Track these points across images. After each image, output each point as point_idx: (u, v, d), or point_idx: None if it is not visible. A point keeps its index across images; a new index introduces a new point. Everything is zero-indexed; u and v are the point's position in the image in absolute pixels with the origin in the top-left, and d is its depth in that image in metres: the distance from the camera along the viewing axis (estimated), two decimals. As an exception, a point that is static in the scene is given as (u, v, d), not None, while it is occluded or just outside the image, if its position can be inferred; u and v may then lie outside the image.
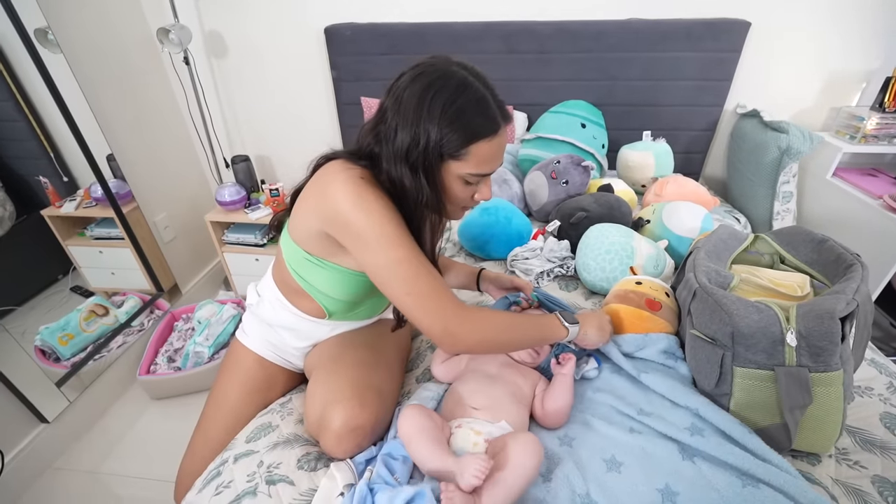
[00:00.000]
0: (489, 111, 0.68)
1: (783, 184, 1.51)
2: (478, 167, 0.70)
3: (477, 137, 0.67)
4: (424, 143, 0.66)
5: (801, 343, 0.68)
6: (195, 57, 1.76)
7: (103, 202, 1.64)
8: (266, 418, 0.88)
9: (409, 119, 0.66)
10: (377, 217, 0.67)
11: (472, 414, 0.73)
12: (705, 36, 1.56)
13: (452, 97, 0.65)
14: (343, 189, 0.67)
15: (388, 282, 0.68)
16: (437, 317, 0.67)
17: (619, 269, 1.06)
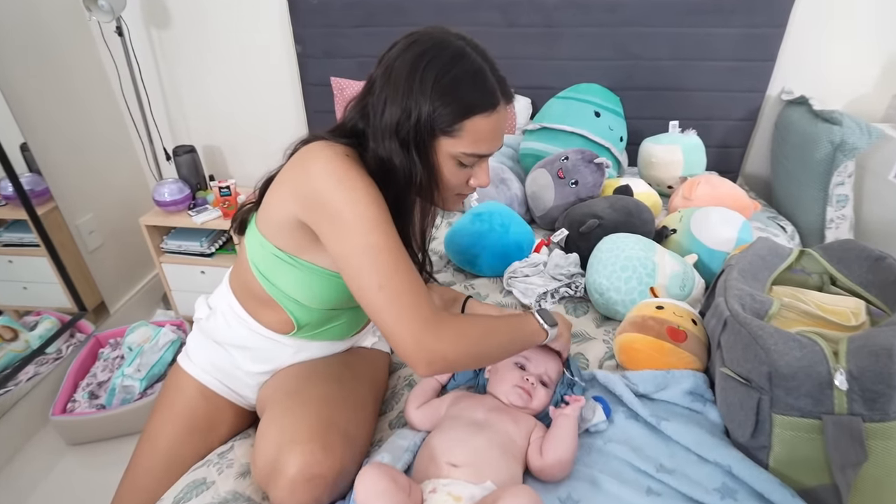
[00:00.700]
0: (487, 84, 0.71)
1: (837, 185, 1.51)
2: (473, 146, 0.74)
3: (472, 111, 0.71)
4: (416, 117, 0.70)
5: (853, 386, 0.66)
6: (130, 27, 1.75)
7: (14, 201, 1.62)
8: (200, 473, 0.86)
9: (400, 90, 0.70)
10: (361, 195, 0.69)
11: (449, 473, 0.71)
12: (742, 8, 1.57)
13: (447, 67, 0.69)
14: (325, 165, 0.70)
15: (360, 271, 0.69)
16: (412, 323, 0.68)
17: (637, 289, 1.05)
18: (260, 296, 0.86)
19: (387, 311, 0.68)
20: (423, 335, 0.68)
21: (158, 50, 1.91)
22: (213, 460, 0.89)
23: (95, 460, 1.54)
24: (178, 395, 0.94)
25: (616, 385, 0.88)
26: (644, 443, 0.80)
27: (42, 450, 1.57)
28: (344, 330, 0.94)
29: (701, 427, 0.81)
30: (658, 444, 0.80)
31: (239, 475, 0.85)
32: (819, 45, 1.64)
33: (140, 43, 1.85)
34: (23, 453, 1.55)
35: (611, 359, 1.01)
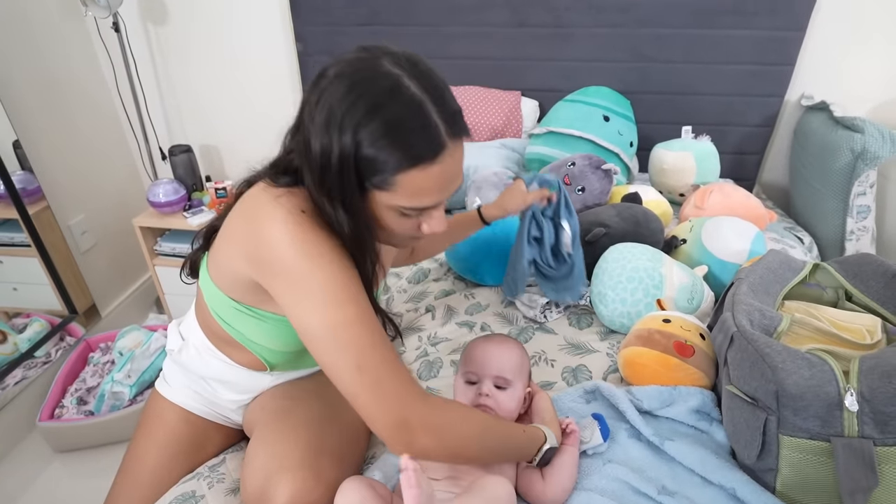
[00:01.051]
0: (427, 126, 0.61)
1: (858, 195, 1.51)
2: (413, 200, 0.65)
3: (408, 164, 0.61)
4: (336, 163, 0.61)
5: (864, 408, 0.67)
6: (127, 23, 1.78)
7: (5, 200, 1.65)
8: (189, 486, 0.87)
9: (322, 128, 0.61)
10: (325, 263, 0.64)
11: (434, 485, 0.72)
12: (761, 10, 1.58)
13: (375, 108, 0.59)
14: (282, 231, 0.63)
15: (331, 349, 0.64)
16: (394, 403, 0.63)
17: (643, 301, 1.05)
18: (226, 339, 0.83)
19: (365, 394, 0.63)
20: (409, 418, 0.63)
21: (155, 46, 1.94)
22: (204, 473, 0.89)
23: (83, 468, 1.56)
24: (159, 422, 0.93)
25: (620, 400, 0.88)
26: (646, 463, 0.80)
27: (28, 457, 1.58)
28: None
29: (706, 447, 0.81)
30: (660, 465, 0.80)
31: (230, 491, 0.85)
32: (841, 49, 1.64)
33: (137, 39, 1.88)
34: (8, 460, 1.57)
35: (615, 372, 1.01)
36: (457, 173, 0.67)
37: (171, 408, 0.93)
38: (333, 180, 0.63)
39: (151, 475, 0.88)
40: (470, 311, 1.20)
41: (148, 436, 0.92)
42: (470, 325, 1.16)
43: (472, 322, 1.17)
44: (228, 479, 0.88)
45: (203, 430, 0.94)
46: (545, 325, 1.14)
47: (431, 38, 1.75)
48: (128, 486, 0.89)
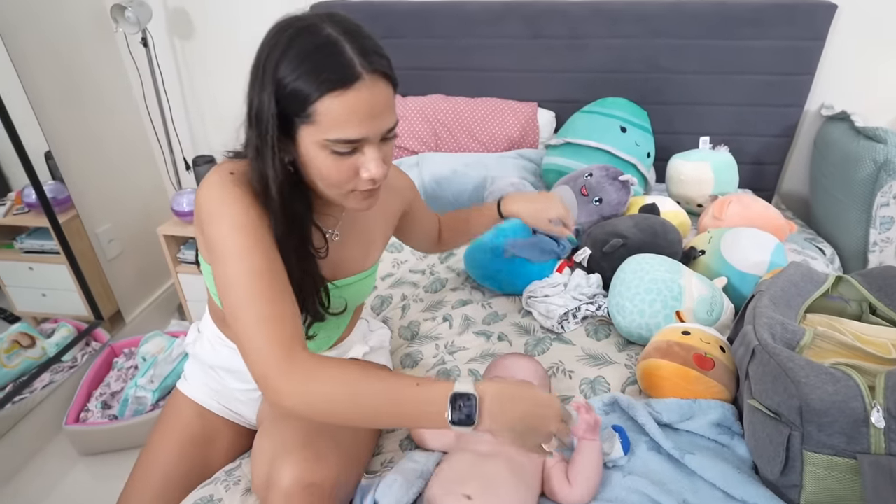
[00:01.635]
0: (340, 57, 0.63)
1: (881, 206, 1.48)
2: (336, 131, 0.65)
3: (322, 90, 0.63)
4: (259, 102, 0.65)
5: (892, 425, 0.65)
6: (155, 38, 1.83)
7: (37, 208, 1.70)
8: (207, 490, 0.88)
9: (252, 79, 0.67)
10: (227, 219, 0.67)
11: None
12: (779, 20, 1.56)
13: (290, 43, 0.64)
14: (203, 192, 0.70)
15: (224, 301, 0.69)
16: (259, 356, 0.65)
17: (661, 313, 1.04)
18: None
19: (240, 344, 0.67)
20: (269, 373, 0.64)
21: (181, 60, 1.98)
22: (221, 478, 0.90)
23: (106, 471, 1.58)
24: (175, 415, 0.96)
25: (639, 413, 0.87)
26: (667, 477, 0.79)
27: (54, 458, 1.61)
28: (322, 343, 0.95)
29: (727, 462, 0.80)
30: (681, 479, 0.79)
31: (245, 491, 0.87)
32: (861, 58, 1.62)
33: (164, 54, 1.93)
34: (35, 461, 1.60)
35: (633, 384, 1.00)
36: (379, 109, 0.67)
37: (187, 402, 0.97)
38: (258, 121, 0.66)
39: (163, 466, 0.91)
40: (487, 321, 1.20)
41: (163, 429, 0.95)
42: (487, 335, 1.15)
43: (489, 332, 1.16)
44: (244, 482, 0.89)
45: (214, 425, 0.96)
46: (562, 336, 1.13)
47: (448, 51, 1.76)
48: (140, 477, 0.92)
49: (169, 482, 0.89)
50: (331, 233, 0.85)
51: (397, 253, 1.50)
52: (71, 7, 1.74)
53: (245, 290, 0.67)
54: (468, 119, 1.73)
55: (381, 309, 1.29)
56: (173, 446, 0.92)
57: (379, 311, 1.29)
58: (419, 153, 1.73)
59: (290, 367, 0.64)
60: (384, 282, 1.39)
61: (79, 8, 1.77)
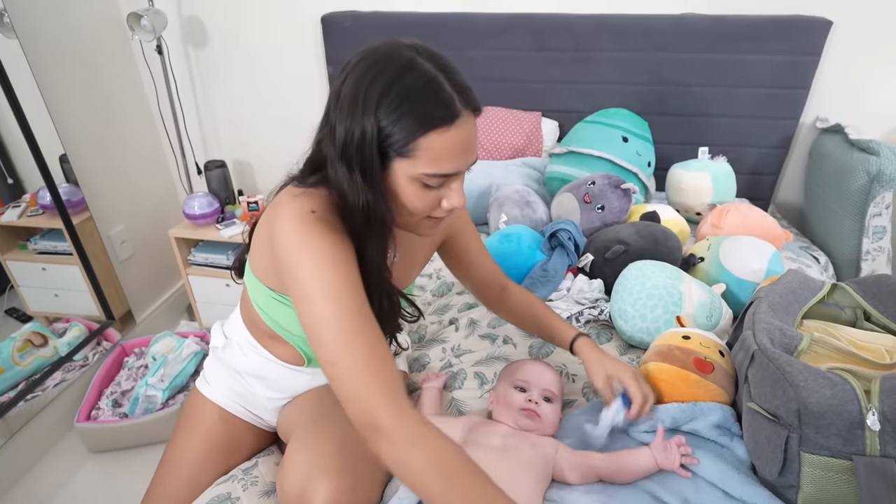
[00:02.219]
0: (441, 95, 0.65)
1: (874, 216, 1.50)
2: (434, 166, 0.67)
3: (426, 127, 0.64)
4: (359, 136, 0.65)
5: (886, 427, 0.66)
6: (169, 45, 1.85)
7: (51, 210, 1.71)
8: (224, 488, 0.88)
9: (346, 110, 0.66)
10: (320, 262, 0.66)
11: None
12: (776, 35, 1.59)
13: (393, 81, 0.64)
14: (286, 229, 0.68)
15: (316, 343, 0.66)
16: (364, 402, 0.63)
17: (662, 318, 1.06)
18: (266, 331, 0.87)
19: (340, 388, 0.65)
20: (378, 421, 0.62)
21: (195, 68, 2.00)
22: (238, 476, 0.91)
23: (116, 469, 1.59)
24: (198, 420, 0.96)
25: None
26: (669, 476, 0.80)
27: (65, 455, 1.62)
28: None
29: (727, 462, 0.81)
30: (682, 478, 0.80)
31: (263, 493, 0.87)
32: (855, 73, 1.64)
33: (178, 61, 1.95)
34: (47, 458, 1.61)
35: (635, 388, 1.01)
36: (472, 144, 0.70)
37: (210, 407, 0.96)
38: (355, 152, 0.66)
39: (189, 471, 0.91)
40: (492, 325, 1.22)
41: (187, 432, 0.95)
42: (492, 338, 1.17)
43: (494, 335, 1.18)
44: (262, 482, 0.90)
45: (238, 430, 0.96)
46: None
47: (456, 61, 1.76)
48: (167, 480, 0.92)
49: (195, 488, 0.90)
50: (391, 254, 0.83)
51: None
52: (88, 15, 1.76)
53: (341, 332, 0.65)
54: (474, 127, 1.75)
55: (389, 312, 1.31)
56: (199, 453, 0.92)
57: (387, 313, 1.30)
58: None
59: (403, 419, 0.62)
60: (392, 285, 1.41)
61: (95, 16, 1.79)
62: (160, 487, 0.92)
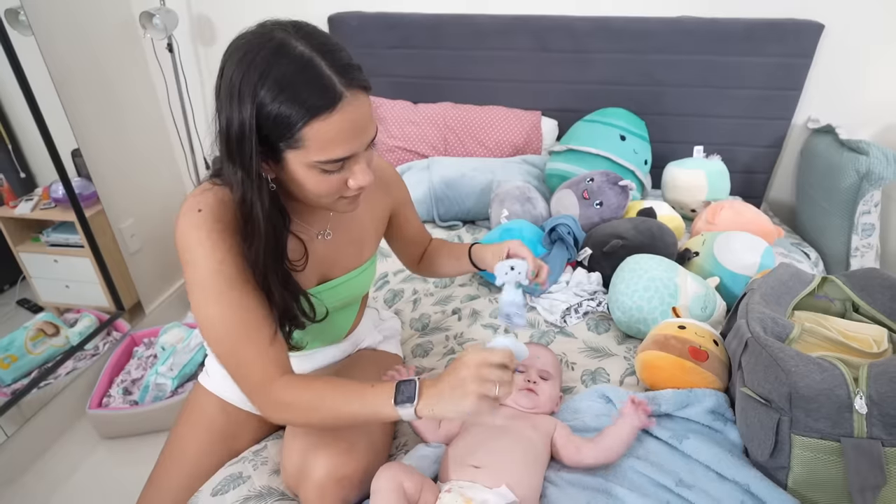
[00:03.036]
0: (319, 79, 0.61)
1: (863, 214, 1.52)
2: (324, 153, 0.64)
3: (306, 117, 0.61)
4: (238, 131, 0.61)
5: (873, 410, 0.68)
6: (179, 43, 1.85)
7: (64, 203, 1.72)
8: (236, 468, 0.90)
9: (224, 103, 0.63)
10: (200, 260, 0.68)
11: (471, 474, 0.74)
12: (769, 38, 1.60)
13: (265, 70, 0.60)
14: (176, 226, 0.70)
15: (203, 336, 0.73)
16: (245, 388, 0.73)
17: (658, 309, 1.07)
18: None
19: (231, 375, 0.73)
20: (255, 399, 0.73)
21: (204, 65, 2.01)
22: (248, 457, 0.92)
23: (126, 455, 1.60)
24: (199, 410, 0.97)
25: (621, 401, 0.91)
26: (664, 458, 0.82)
27: (77, 441, 1.63)
28: (335, 335, 0.97)
29: (720, 446, 0.83)
30: (677, 460, 0.82)
31: (273, 472, 0.89)
32: (846, 75, 1.66)
33: (187, 59, 1.96)
34: (59, 444, 1.62)
35: (631, 374, 1.03)
36: (363, 123, 0.66)
37: (209, 397, 0.97)
38: (235, 147, 0.63)
39: (191, 460, 0.91)
40: (494, 315, 1.23)
41: (188, 423, 0.96)
42: (494, 328, 1.19)
43: (496, 324, 1.19)
44: (271, 462, 0.91)
45: (237, 419, 0.96)
46: (565, 330, 1.17)
47: (458, 61, 1.79)
48: (169, 468, 0.92)
49: (196, 471, 0.91)
50: (322, 233, 0.85)
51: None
52: (101, 13, 1.76)
53: (223, 336, 0.70)
54: (476, 125, 1.76)
55: (394, 302, 1.32)
56: (200, 442, 0.93)
57: (391, 303, 1.32)
58: (429, 157, 1.76)
59: (267, 400, 0.72)
60: (396, 276, 1.42)
61: (108, 14, 1.79)
62: (162, 476, 0.92)
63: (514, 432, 0.82)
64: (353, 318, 1.00)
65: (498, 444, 0.79)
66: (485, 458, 0.77)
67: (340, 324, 0.97)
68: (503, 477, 0.74)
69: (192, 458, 0.91)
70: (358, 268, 0.92)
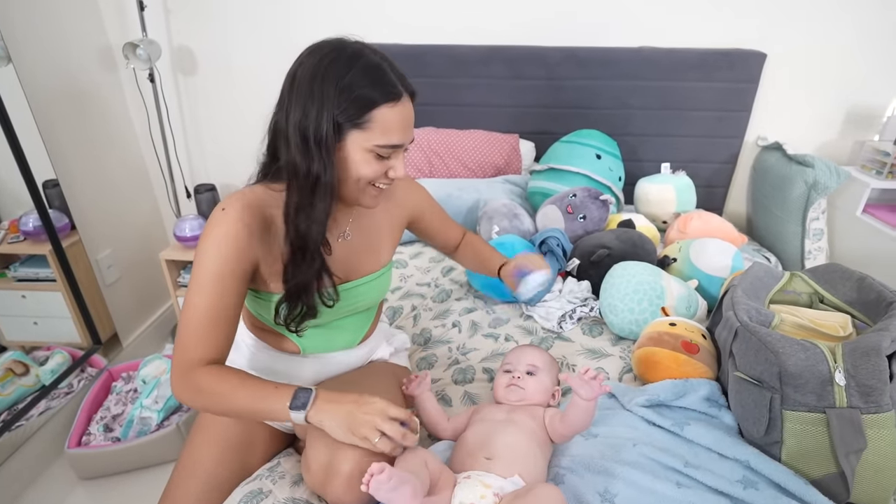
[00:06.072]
0: (387, 77, 0.77)
1: (813, 220, 1.68)
2: (385, 136, 0.78)
3: (377, 102, 0.75)
4: (317, 113, 0.74)
5: (851, 382, 0.78)
6: (161, 73, 1.87)
7: (34, 236, 1.67)
8: (254, 485, 0.90)
9: (304, 93, 0.74)
10: (209, 256, 0.77)
11: (484, 465, 0.79)
12: (720, 65, 1.78)
13: (347, 65, 0.74)
14: (210, 217, 0.79)
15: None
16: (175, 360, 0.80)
17: (648, 310, 1.16)
18: (259, 325, 0.95)
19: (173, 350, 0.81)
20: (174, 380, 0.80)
21: (184, 94, 2.02)
22: (264, 474, 0.92)
23: (106, 494, 1.53)
24: (212, 421, 0.97)
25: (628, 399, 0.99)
26: (669, 444, 0.89)
27: (53, 485, 1.55)
28: (351, 340, 1.01)
29: (718, 429, 0.90)
30: (681, 445, 0.89)
31: (293, 483, 0.89)
32: (788, 97, 1.85)
33: (168, 88, 1.97)
34: (34, 488, 1.53)
35: (629, 372, 1.11)
36: (412, 121, 0.82)
37: None
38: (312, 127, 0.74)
39: (206, 470, 0.91)
40: (493, 325, 1.29)
41: (203, 433, 0.96)
42: (495, 337, 1.24)
43: (496, 334, 1.25)
44: (288, 475, 0.92)
45: (251, 428, 0.97)
46: (562, 335, 1.24)
47: (440, 88, 1.89)
48: (185, 479, 0.92)
49: (212, 483, 0.91)
50: (343, 234, 0.93)
51: (403, 269, 1.57)
52: (81, 45, 1.77)
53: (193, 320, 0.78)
54: (458, 149, 1.85)
55: (394, 319, 1.36)
56: (214, 452, 0.93)
57: (392, 320, 1.35)
58: (416, 179, 1.83)
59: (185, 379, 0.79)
60: (394, 294, 1.46)
61: (88, 46, 1.80)
62: (178, 488, 0.92)
63: (517, 424, 0.88)
64: (369, 325, 1.04)
65: (505, 436, 0.85)
66: (495, 451, 0.82)
67: (356, 329, 1.01)
68: (515, 467, 0.79)
69: (208, 469, 0.92)
70: (375, 272, 0.98)
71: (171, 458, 1.59)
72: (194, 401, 0.79)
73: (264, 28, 1.90)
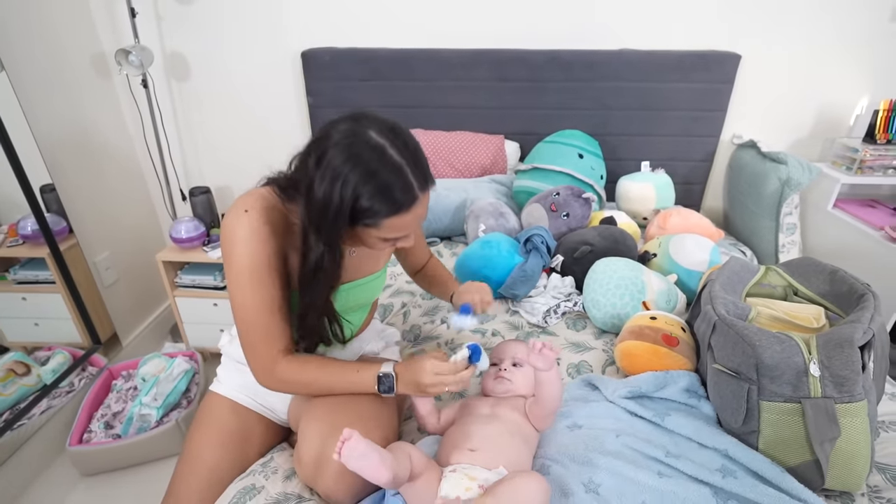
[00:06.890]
0: (406, 184, 0.74)
1: (786, 215, 1.67)
2: (394, 234, 0.79)
3: (391, 214, 0.75)
4: (335, 209, 0.73)
5: (825, 373, 0.76)
6: (154, 79, 1.82)
7: (33, 240, 1.63)
8: (247, 481, 0.88)
9: (327, 181, 0.72)
10: (239, 255, 0.78)
11: (469, 458, 0.78)
12: (697, 67, 1.76)
13: (368, 174, 0.72)
14: (223, 225, 0.80)
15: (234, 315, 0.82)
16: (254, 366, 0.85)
17: (630, 304, 1.14)
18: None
19: (245, 355, 0.85)
20: (259, 380, 0.85)
21: (178, 99, 1.97)
22: (257, 470, 0.91)
23: (108, 491, 1.50)
24: (211, 415, 0.97)
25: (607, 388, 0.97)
26: (651, 434, 0.88)
27: (56, 481, 1.52)
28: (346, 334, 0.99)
29: (698, 419, 0.89)
30: (662, 435, 0.88)
31: (285, 478, 0.88)
32: (761, 97, 1.84)
33: (161, 93, 1.92)
34: (37, 485, 1.50)
35: (611, 365, 1.09)
36: (424, 215, 0.82)
37: (222, 402, 0.98)
38: (327, 220, 0.74)
39: (207, 464, 0.91)
40: (481, 320, 1.27)
41: (202, 428, 0.95)
42: (482, 332, 1.22)
43: (483, 329, 1.23)
44: (281, 470, 0.91)
45: (248, 422, 0.97)
46: (547, 329, 1.22)
47: (427, 91, 1.86)
48: (186, 474, 0.91)
49: (213, 477, 0.90)
50: (351, 251, 0.93)
51: (393, 266, 1.55)
52: (73, 49, 1.71)
53: (250, 321, 0.81)
54: (445, 150, 1.82)
55: (385, 316, 1.33)
56: (215, 443, 0.93)
57: (383, 317, 1.33)
58: (404, 180, 1.80)
59: (271, 378, 0.85)
60: (384, 292, 1.43)
61: (81, 52, 1.75)
62: (181, 483, 0.91)
63: (500, 417, 0.86)
64: (360, 325, 1.02)
65: (488, 429, 0.83)
66: (479, 443, 0.80)
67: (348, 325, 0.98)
68: (499, 459, 0.78)
69: (209, 462, 0.91)
70: (372, 274, 0.97)
71: (170, 453, 1.57)
72: (286, 391, 0.87)
73: (255, 33, 1.86)
